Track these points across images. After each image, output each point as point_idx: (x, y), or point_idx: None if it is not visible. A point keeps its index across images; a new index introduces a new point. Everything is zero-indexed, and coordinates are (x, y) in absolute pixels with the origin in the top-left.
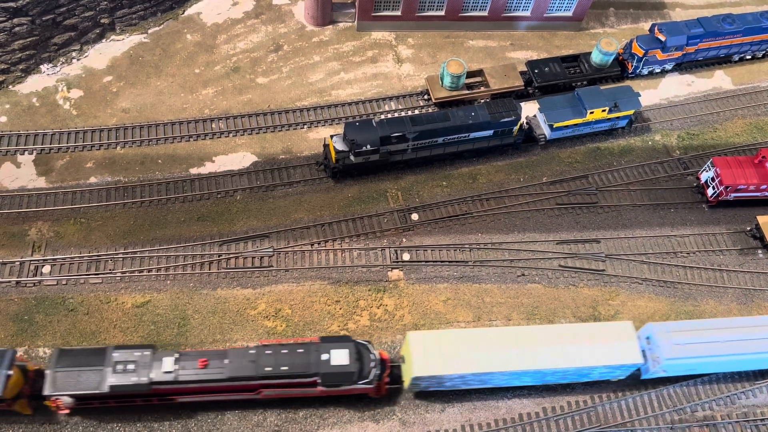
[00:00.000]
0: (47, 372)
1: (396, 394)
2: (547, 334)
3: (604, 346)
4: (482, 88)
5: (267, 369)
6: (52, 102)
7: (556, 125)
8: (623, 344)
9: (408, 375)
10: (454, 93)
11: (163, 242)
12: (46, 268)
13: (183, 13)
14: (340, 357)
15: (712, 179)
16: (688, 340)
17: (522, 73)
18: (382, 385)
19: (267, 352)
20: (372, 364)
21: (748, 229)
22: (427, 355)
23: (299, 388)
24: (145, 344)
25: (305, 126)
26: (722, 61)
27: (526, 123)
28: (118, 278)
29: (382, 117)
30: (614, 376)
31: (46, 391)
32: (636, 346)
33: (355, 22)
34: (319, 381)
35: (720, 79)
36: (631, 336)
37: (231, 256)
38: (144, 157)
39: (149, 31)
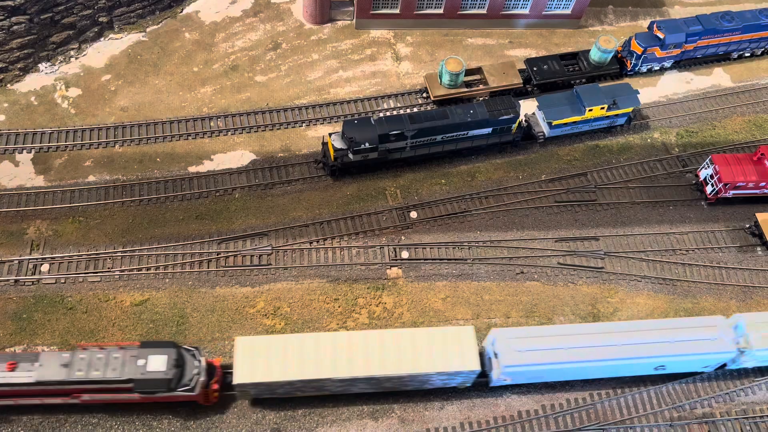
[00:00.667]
0: None
1: (229, 401)
2: (384, 339)
3: (442, 352)
4: (481, 86)
5: (78, 373)
6: (51, 101)
7: (554, 123)
8: (462, 350)
9: None
10: (453, 91)
11: (162, 240)
12: (45, 267)
13: (181, 12)
14: (156, 363)
15: (711, 177)
16: (532, 347)
17: (521, 70)
18: (210, 393)
19: (81, 356)
20: (195, 371)
21: (747, 226)
22: (250, 362)
23: (117, 394)
24: None
25: (304, 124)
26: (721, 58)
27: (525, 121)
28: (117, 277)
29: (381, 115)
30: (457, 383)
31: None
32: (474, 352)
33: (354, 20)
34: (133, 387)
35: (719, 77)
36: (471, 342)
37: (230, 254)
38: (142, 155)
39: (148, 30)
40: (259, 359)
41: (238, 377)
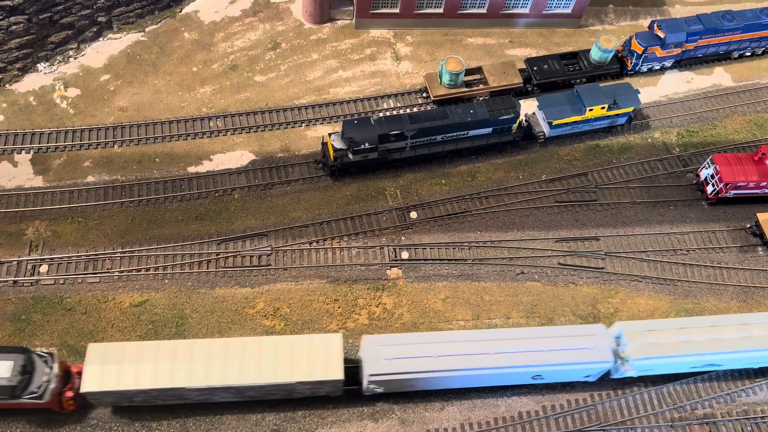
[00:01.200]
0: None
1: (89, 408)
2: (246, 347)
3: (306, 361)
4: (481, 86)
5: None
6: (49, 101)
7: (555, 123)
8: (327, 359)
9: None
10: (453, 91)
11: (161, 241)
12: (44, 268)
13: (180, 12)
14: (0, 369)
15: (712, 176)
16: (402, 355)
17: (521, 70)
18: (64, 400)
19: None
20: (45, 377)
21: (748, 226)
22: (101, 369)
23: None
24: None
25: (303, 124)
26: (722, 58)
27: (525, 120)
28: (116, 277)
29: (381, 115)
30: (326, 391)
31: None
32: (339, 361)
33: (353, 20)
34: None
35: (719, 76)
36: (337, 350)
37: (229, 254)
38: (142, 155)
39: (147, 30)
40: (111, 366)
41: (86, 385)
